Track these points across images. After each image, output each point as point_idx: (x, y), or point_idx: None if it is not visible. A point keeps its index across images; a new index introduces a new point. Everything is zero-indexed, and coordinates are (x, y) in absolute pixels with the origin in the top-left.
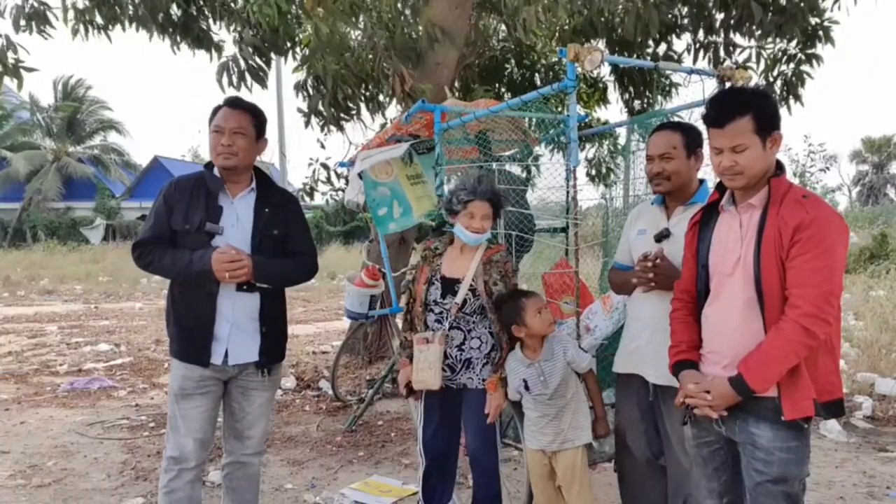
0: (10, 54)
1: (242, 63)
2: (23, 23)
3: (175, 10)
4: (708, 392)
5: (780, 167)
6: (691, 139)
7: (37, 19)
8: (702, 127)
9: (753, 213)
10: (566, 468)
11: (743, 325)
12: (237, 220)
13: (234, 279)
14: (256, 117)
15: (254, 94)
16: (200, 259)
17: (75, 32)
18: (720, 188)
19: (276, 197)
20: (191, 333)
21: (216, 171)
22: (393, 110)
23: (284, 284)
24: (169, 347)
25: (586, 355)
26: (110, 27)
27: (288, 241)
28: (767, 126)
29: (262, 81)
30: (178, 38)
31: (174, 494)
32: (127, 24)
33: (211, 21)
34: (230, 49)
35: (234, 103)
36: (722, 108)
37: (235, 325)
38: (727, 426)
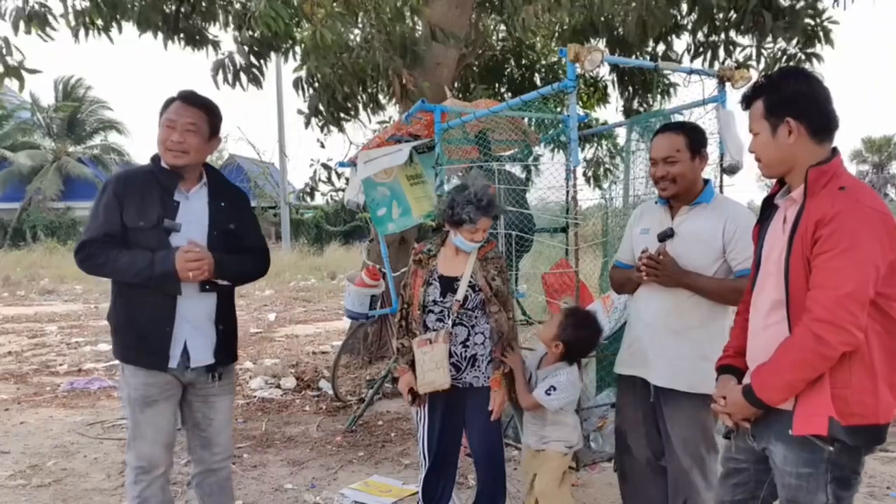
0: (8, 58)
1: (239, 61)
2: (22, 25)
3: (170, 8)
4: (724, 398)
5: (834, 152)
6: (695, 139)
7: (37, 21)
8: (704, 127)
9: (794, 209)
10: (542, 463)
11: (769, 329)
12: (193, 215)
13: (197, 278)
14: (211, 114)
15: (254, 93)
16: (164, 260)
17: (76, 34)
18: (780, 181)
19: (228, 192)
20: (148, 337)
21: (165, 165)
22: (393, 110)
23: (243, 281)
24: (118, 353)
25: (546, 399)
26: (111, 28)
27: (242, 237)
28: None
29: (257, 81)
30: (174, 36)
31: (148, 502)
32: (125, 23)
33: (206, 20)
34: (228, 47)
35: (189, 98)
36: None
37: (195, 326)
38: (757, 440)
